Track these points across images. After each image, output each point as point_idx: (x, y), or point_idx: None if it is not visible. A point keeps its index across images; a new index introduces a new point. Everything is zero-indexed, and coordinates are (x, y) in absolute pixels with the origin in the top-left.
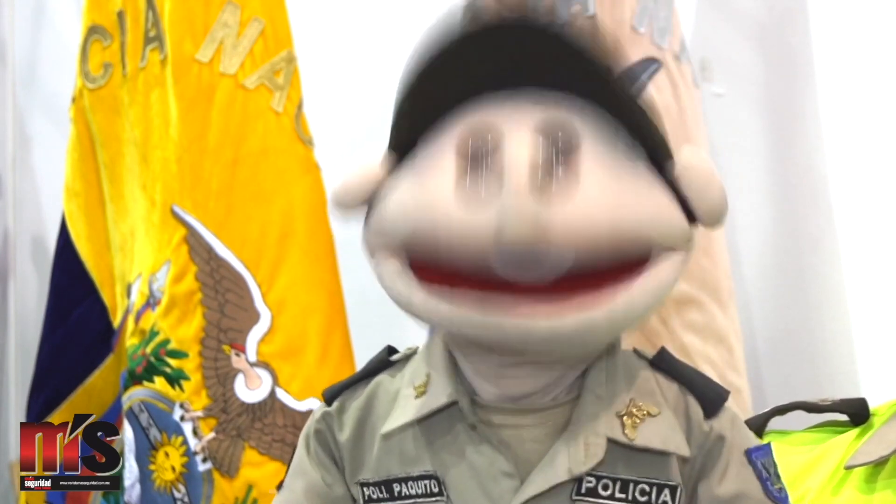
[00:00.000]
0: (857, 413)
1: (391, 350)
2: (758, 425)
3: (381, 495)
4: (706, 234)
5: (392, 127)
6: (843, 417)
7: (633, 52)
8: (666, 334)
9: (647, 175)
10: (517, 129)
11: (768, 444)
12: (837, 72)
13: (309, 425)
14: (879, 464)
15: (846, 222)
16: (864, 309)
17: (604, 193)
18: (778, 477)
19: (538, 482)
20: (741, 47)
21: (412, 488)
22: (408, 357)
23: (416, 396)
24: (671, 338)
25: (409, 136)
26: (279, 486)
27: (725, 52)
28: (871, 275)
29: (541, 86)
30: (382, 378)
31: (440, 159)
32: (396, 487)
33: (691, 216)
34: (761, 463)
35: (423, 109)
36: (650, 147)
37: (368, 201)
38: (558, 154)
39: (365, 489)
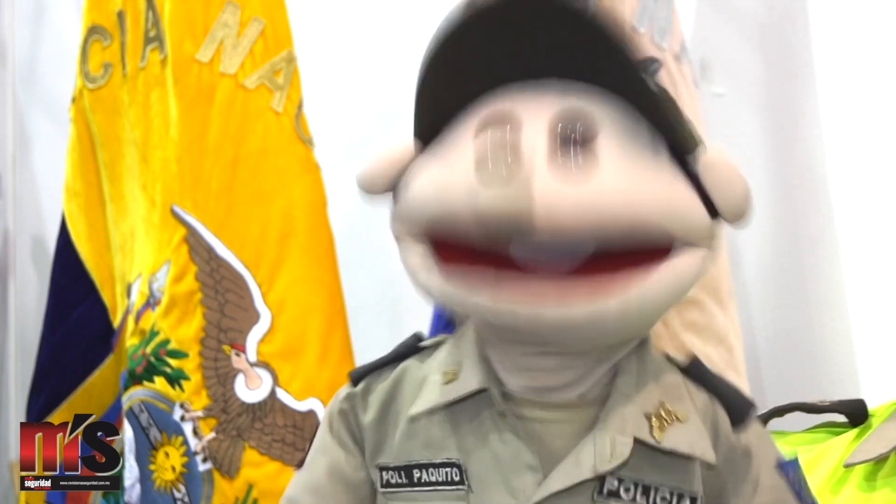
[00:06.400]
0: (856, 414)
1: (419, 337)
2: None
3: (400, 480)
4: None
5: (415, 114)
6: (842, 419)
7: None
8: (666, 334)
9: (669, 168)
10: (536, 116)
11: (797, 459)
12: (837, 72)
13: (333, 405)
14: (879, 462)
15: (846, 222)
16: (864, 309)
17: (621, 179)
18: (810, 491)
19: (561, 478)
20: (741, 47)
21: (433, 475)
22: (437, 345)
23: (445, 382)
24: (671, 338)
25: (433, 123)
26: (299, 465)
27: (725, 52)
28: (871, 275)
29: (564, 77)
30: (410, 363)
31: (461, 145)
32: (417, 473)
33: (715, 213)
34: (793, 475)
35: (447, 98)
36: (673, 140)
37: (394, 188)
38: (576, 141)
39: (384, 473)
